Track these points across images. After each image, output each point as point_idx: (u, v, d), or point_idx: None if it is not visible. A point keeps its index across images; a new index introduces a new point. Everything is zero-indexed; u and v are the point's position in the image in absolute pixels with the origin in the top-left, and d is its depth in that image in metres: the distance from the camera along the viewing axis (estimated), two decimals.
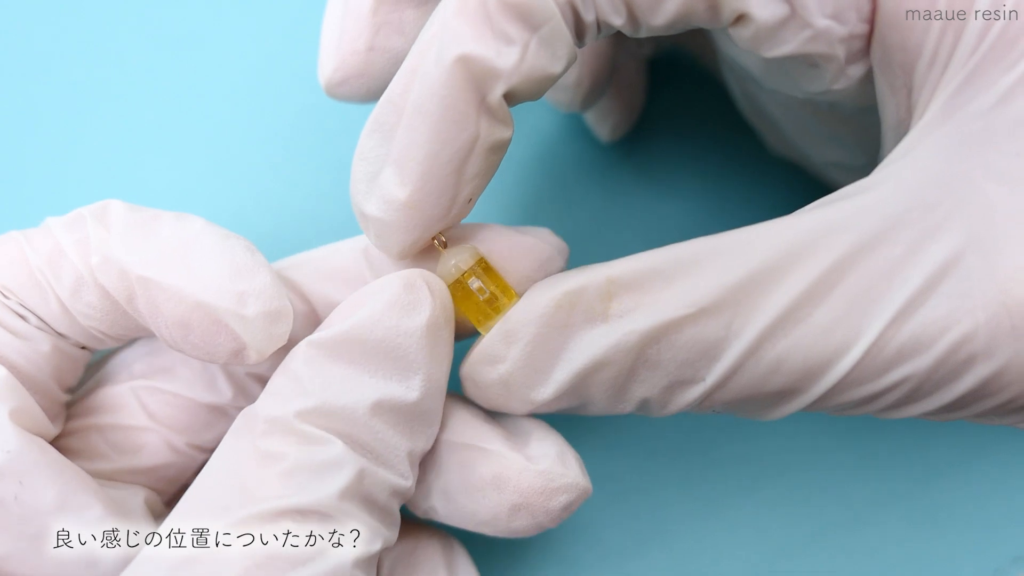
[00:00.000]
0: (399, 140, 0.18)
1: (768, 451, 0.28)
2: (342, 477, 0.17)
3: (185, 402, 0.22)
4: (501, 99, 0.18)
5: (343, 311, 0.19)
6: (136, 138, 0.30)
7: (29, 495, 0.18)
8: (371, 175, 0.19)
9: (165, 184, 0.30)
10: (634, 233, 0.30)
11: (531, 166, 0.30)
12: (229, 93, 0.31)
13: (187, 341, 0.19)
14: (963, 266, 0.17)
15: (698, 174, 0.30)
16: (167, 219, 0.20)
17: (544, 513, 0.20)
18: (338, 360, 0.18)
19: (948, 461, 0.28)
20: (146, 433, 0.21)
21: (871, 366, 0.18)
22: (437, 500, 0.20)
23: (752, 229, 0.19)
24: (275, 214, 0.29)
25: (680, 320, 0.18)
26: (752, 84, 0.25)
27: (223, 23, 0.31)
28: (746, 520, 0.27)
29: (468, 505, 0.20)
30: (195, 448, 0.22)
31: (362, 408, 0.18)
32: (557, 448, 0.20)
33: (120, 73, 0.31)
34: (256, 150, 0.30)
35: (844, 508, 0.27)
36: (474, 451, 0.20)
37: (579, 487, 0.20)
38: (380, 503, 0.18)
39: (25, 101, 0.30)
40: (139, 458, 0.21)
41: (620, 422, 0.27)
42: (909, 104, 0.20)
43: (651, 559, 0.26)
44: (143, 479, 0.22)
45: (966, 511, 0.27)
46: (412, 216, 0.19)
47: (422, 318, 0.18)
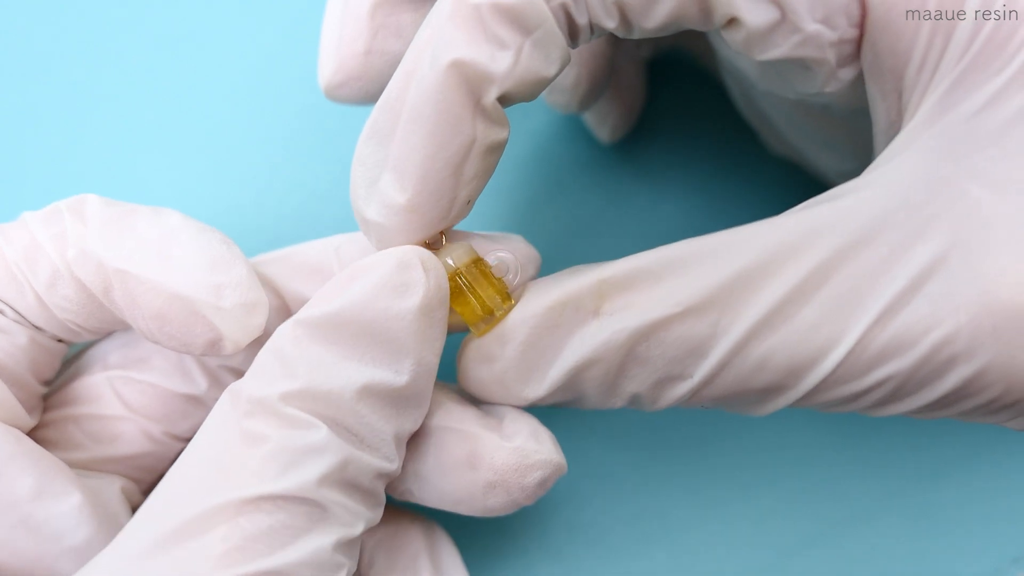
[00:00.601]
0: (396, 145, 0.18)
1: (769, 451, 0.28)
2: (324, 462, 0.17)
3: (160, 392, 0.22)
4: (496, 102, 0.18)
5: (333, 288, 0.18)
6: (136, 138, 0.30)
7: (6, 485, 0.19)
8: (370, 180, 0.19)
9: (165, 184, 0.30)
10: (633, 233, 0.30)
11: (530, 168, 0.30)
12: (229, 93, 0.31)
13: (164, 332, 0.19)
14: (947, 268, 0.17)
15: (697, 175, 0.30)
16: (143, 213, 0.20)
17: (519, 490, 0.20)
18: (325, 341, 0.18)
19: (948, 461, 0.28)
20: (122, 422, 0.22)
21: (855, 365, 0.18)
22: (412, 482, 0.20)
23: (740, 230, 0.19)
24: (274, 214, 0.29)
25: (668, 319, 0.18)
26: (749, 85, 0.26)
27: (223, 23, 0.31)
28: (748, 520, 0.27)
29: (443, 485, 0.20)
30: (171, 437, 0.22)
31: (348, 393, 0.17)
32: (530, 426, 0.20)
33: (120, 73, 0.31)
34: (256, 150, 0.30)
35: (844, 508, 0.27)
36: (448, 432, 0.20)
37: (553, 463, 0.20)
38: (363, 486, 0.18)
39: (25, 101, 0.30)
40: (116, 447, 0.21)
41: (619, 421, 0.27)
42: (899, 107, 0.20)
43: (653, 559, 0.26)
44: (120, 468, 0.22)
45: (966, 511, 0.27)
46: (412, 220, 0.19)
47: (414, 300, 0.18)
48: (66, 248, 0.20)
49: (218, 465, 0.17)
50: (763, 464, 0.27)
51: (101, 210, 0.20)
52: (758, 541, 0.27)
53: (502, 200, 0.30)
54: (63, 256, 0.20)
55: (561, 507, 0.27)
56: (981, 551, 0.27)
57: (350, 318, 0.18)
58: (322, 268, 0.22)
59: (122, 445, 0.22)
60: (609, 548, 0.26)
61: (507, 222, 0.30)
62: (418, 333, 0.18)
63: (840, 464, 0.27)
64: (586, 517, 0.27)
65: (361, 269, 0.18)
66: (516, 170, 0.30)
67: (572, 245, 0.29)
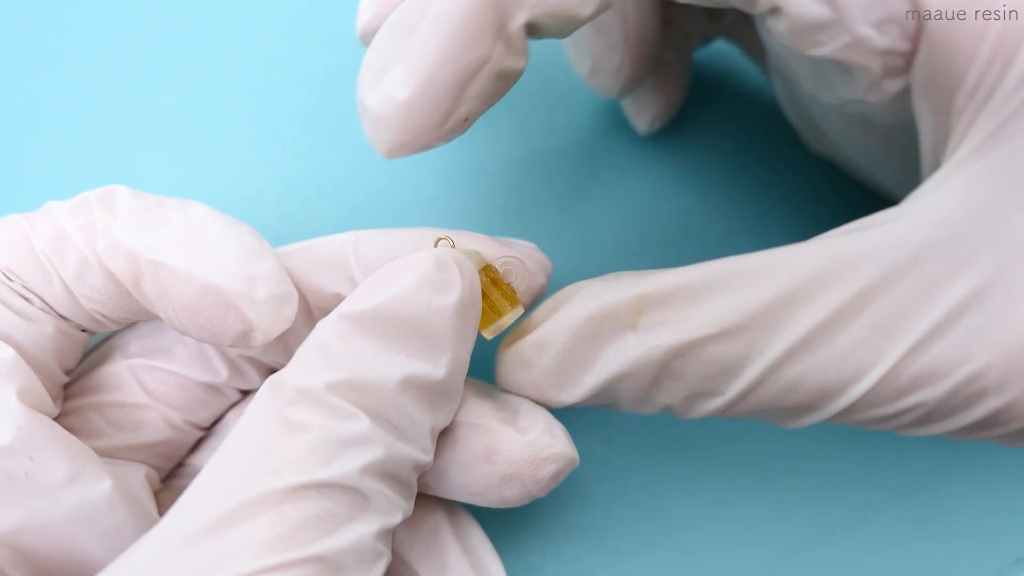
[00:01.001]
0: (414, 42, 0.19)
1: (770, 452, 0.27)
2: (368, 453, 0.17)
3: (182, 380, 0.22)
4: (521, 28, 0.18)
5: (373, 285, 0.19)
6: (136, 138, 0.30)
7: (40, 470, 0.19)
8: (381, 69, 0.19)
9: (165, 183, 0.30)
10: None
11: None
12: (229, 93, 0.31)
13: (194, 323, 0.20)
14: (986, 301, 0.17)
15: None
16: (172, 205, 0.21)
17: (534, 482, 0.20)
18: (368, 335, 0.18)
19: (948, 461, 0.28)
20: (144, 410, 0.22)
21: (885, 392, 0.18)
22: (429, 475, 0.21)
23: (780, 252, 0.19)
24: (275, 214, 0.29)
25: (705, 339, 0.18)
26: (795, 83, 0.25)
27: (223, 23, 0.31)
28: (748, 520, 0.27)
29: (460, 478, 0.20)
30: (192, 425, 0.22)
31: (391, 384, 0.18)
32: (544, 420, 0.20)
33: (120, 73, 0.31)
34: (256, 150, 0.30)
35: (845, 509, 0.27)
36: (466, 426, 0.20)
37: (566, 456, 0.20)
38: (402, 477, 0.18)
39: (25, 101, 0.30)
40: (138, 435, 0.22)
41: (620, 422, 0.27)
42: (947, 127, 0.20)
43: (654, 559, 0.26)
44: (141, 455, 0.22)
45: (967, 512, 0.27)
46: (407, 118, 0.19)
47: (452, 298, 0.19)
48: (95, 238, 0.20)
49: (261, 454, 0.17)
50: (765, 465, 0.27)
51: (131, 201, 0.20)
52: (758, 542, 0.27)
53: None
54: (92, 246, 0.20)
55: (563, 508, 0.27)
56: (982, 552, 0.27)
57: (392, 312, 0.18)
58: (339, 262, 0.22)
59: (144, 433, 0.22)
60: (610, 549, 0.26)
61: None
62: (455, 330, 0.19)
63: (841, 465, 0.27)
64: (587, 519, 0.26)
65: (402, 267, 0.19)
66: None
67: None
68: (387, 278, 0.19)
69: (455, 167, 0.30)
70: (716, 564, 0.26)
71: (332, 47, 0.31)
